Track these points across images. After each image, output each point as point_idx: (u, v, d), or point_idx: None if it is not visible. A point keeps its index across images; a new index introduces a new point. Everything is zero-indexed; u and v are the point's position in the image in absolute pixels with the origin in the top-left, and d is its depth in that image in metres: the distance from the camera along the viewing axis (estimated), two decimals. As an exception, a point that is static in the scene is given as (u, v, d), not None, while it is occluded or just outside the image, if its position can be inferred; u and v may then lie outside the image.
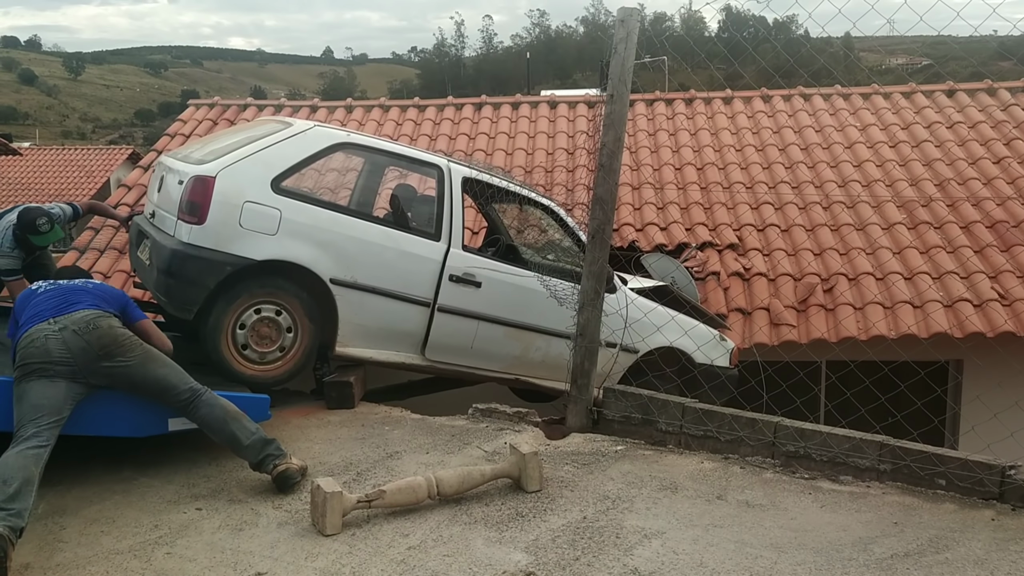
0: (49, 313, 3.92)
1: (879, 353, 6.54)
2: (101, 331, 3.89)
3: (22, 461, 3.43)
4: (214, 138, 6.19)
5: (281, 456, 3.94)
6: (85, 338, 3.84)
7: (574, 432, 4.81)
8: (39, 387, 3.71)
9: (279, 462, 3.91)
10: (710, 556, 3.28)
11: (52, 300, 4.01)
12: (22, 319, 3.99)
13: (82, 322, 3.88)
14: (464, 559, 3.25)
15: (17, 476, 3.34)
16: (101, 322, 3.93)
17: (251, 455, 3.95)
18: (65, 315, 3.91)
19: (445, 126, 12.33)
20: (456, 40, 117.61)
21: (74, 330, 3.84)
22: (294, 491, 3.88)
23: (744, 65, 5.60)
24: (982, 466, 3.80)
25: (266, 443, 3.96)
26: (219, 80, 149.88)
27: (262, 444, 3.95)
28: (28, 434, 3.56)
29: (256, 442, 3.95)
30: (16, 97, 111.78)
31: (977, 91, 12.16)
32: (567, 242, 6.15)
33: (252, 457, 3.95)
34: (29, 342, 3.81)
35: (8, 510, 3.23)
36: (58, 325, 3.85)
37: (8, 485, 3.29)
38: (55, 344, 3.78)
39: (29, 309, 4.01)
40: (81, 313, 3.93)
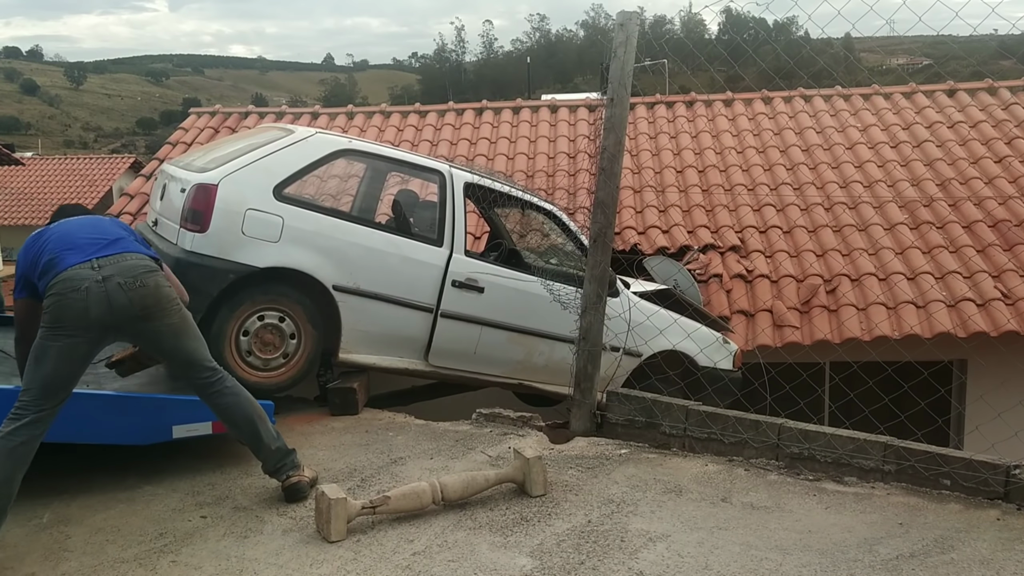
0: (92, 250, 3.51)
1: (882, 354, 6.54)
2: (147, 290, 3.53)
3: (8, 461, 3.30)
4: (216, 146, 6.21)
5: (296, 468, 3.87)
6: (129, 295, 3.48)
7: (578, 436, 4.81)
8: (61, 358, 3.41)
9: (293, 473, 3.85)
10: (715, 559, 3.28)
11: (90, 232, 3.62)
12: (51, 250, 3.56)
13: (129, 274, 3.50)
14: (469, 564, 3.25)
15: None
16: (149, 279, 3.55)
17: (271, 460, 3.84)
18: (109, 257, 3.51)
19: (446, 131, 12.34)
20: (457, 45, 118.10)
21: (119, 283, 3.46)
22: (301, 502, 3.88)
23: (744, 67, 5.59)
24: (987, 466, 3.79)
25: (288, 452, 3.87)
26: (220, 88, 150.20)
27: (284, 453, 3.86)
28: (28, 418, 3.35)
29: (280, 449, 3.84)
30: (18, 107, 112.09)
31: (978, 90, 12.16)
32: (569, 246, 6.15)
33: (271, 462, 3.85)
34: (69, 289, 3.40)
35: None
36: (102, 273, 3.44)
37: None
38: (96, 299, 3.41)
39: (60, 240, 3.59)
40: (129, 261, 3.54)
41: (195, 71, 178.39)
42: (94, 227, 3.69)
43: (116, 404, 4.01)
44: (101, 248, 3.56)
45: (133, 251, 3.62)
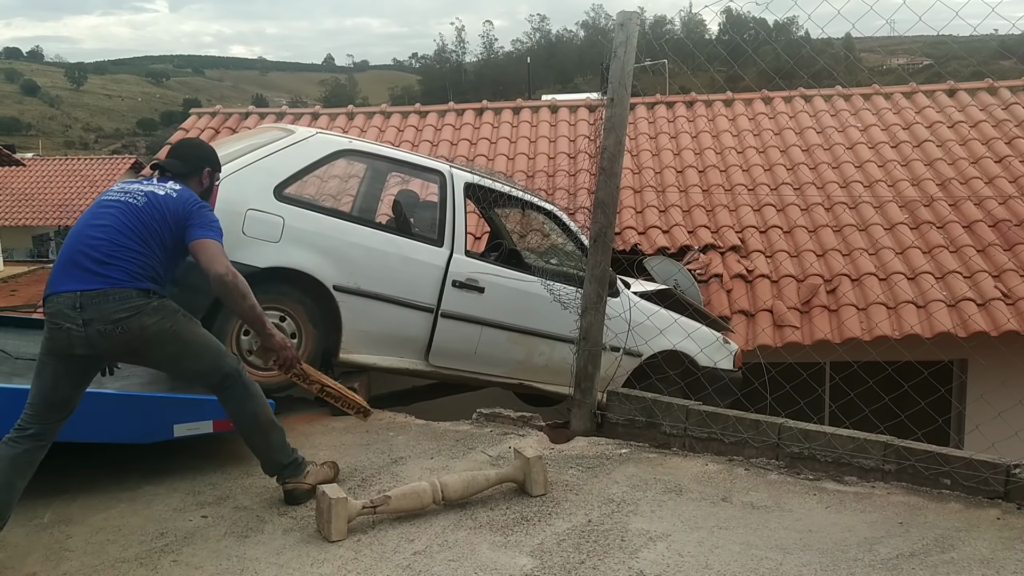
0: (81, 277, 3.42)
1: (883, 353, 6.55)
2: (130, 335, 3.45)
3: (9, 467, 3.33)
4: (216, 146, 6.20)
5: (295, 476, 3.81)
6: (111, 340, 3.43)
7: (578, 436, 4.81)
8: (57, 378, 3.43)
9: (291, 480, 3.80)
10: (715, 558, 3.28)
11: (92, 242, 3.50)
12: (66, 243, 3.55)
13: (109, 320, 3.40)
14: (469, 564, 3.25)
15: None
16: (131, 323, 3.44)
17: (269, 468, 3.81)
18: (94, 293, 3.39)
19: (447, 132, 12.36)
20: (457, 46, 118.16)
21: (99, 329, 3.39)
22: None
23: (745, 67, 5.59)
24: (987, 465, 3.79)
25: (289, 465, 3.80)
26: (221, 88, 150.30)
27: (285, 466, 3.79)
28: (30, 431, 3.38)
29: (279, 463, 3.79)
30: (19, 108, 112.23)
31: (978, 90, 12.18)
32: (570, 246, 6.15)
33: (269, 469, 3.82)
34: (54, 323, 3.40)
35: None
36: (83, 316, 3.36)
37: None
38: (79, 342, 3.40)
39: (72, 239, 3.54)
40: (110, 303, 3.40)
41: (195, 72, 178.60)
42: (101, 248, 3.50)
43: (117, 403, 4.01)
44: (90, 275, 3.44)
45: (119, 285, 3.45)
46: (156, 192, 3.66)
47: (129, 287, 3.46)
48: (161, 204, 3.62)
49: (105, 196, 3.72)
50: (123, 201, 3.62)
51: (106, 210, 3.60)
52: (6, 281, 19.58)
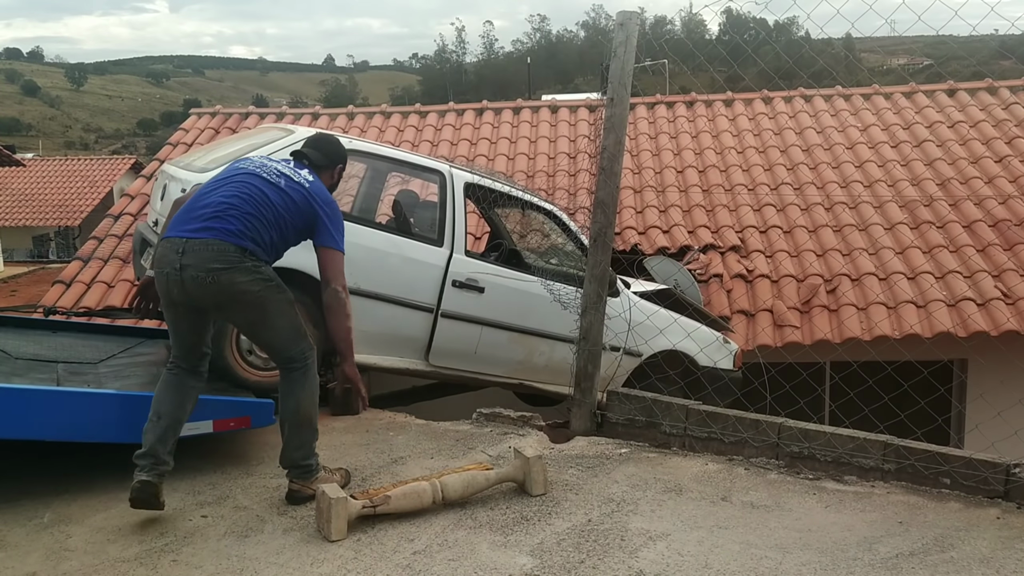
0: (195, 223, 3.58)
1: (882, 353, 6.55)
2: (219, 286, 3.53)
3: (179, 398, 3.70)
4: (216, 146, 6.21)
5: (305, 479, 3.80)
6: (202, 288, 3.54)
7: (578, 435, 4.81)
8: (173, 320, 3.71)
9: (297, 482, 3.79)
10: (715, 557, 3.28)
11: (211, 201, 3.65)
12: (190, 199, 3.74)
13: (204, 267, 3.51)
14: (469, 563, 3.25)
15: (169, 415, 3.64)
16: (222, 276, 3.52)
17: (285, 462, 3.82)
18: (197, 241, 3.54)
19: (447, 132, 12.36)
20: (457, 46, 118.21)
21: (193, 275, 3.51)
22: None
23: (745, 67, 5.59)
24: (987, 464, 3.79)
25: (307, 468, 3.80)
26: (221, 89, 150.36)
27: (303, 468, 3.79)
28: (187, 366, 3.73)
29: (299, 464, 3.78)
30: (19, 108, 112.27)
31: (978, 90, 12.19)
32: (570, 246, 6.15)
33: (285, 463, 3.82)
34: (158, 266, 3.61)
35: (155, 458, 3.55)
36: (182, 260, 3.51)
37: (160, 421, 3.62)
38: (175, 285, 3.55)
39: (195, 196, 3.72)
40: (210, 251, 3.52)
41: (196, 72, 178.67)
42: (219, 203, 3.64)
43: (117, 403, 4.01)
44: (203, 221, 3.58)
45: (222, 237, 3.56)
46: (290, 176, 3.81)
47: (230, 242, 3.57)
48: (293, 187, 3.76)
49: (239, 163, 3.90)
50: (252, 172, 3.77)
51: (234, 175, 3.78)
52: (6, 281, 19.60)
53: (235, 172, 3.80)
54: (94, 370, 4.83)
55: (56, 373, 4.57)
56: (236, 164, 3.89)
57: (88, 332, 5.99)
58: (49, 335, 5.68)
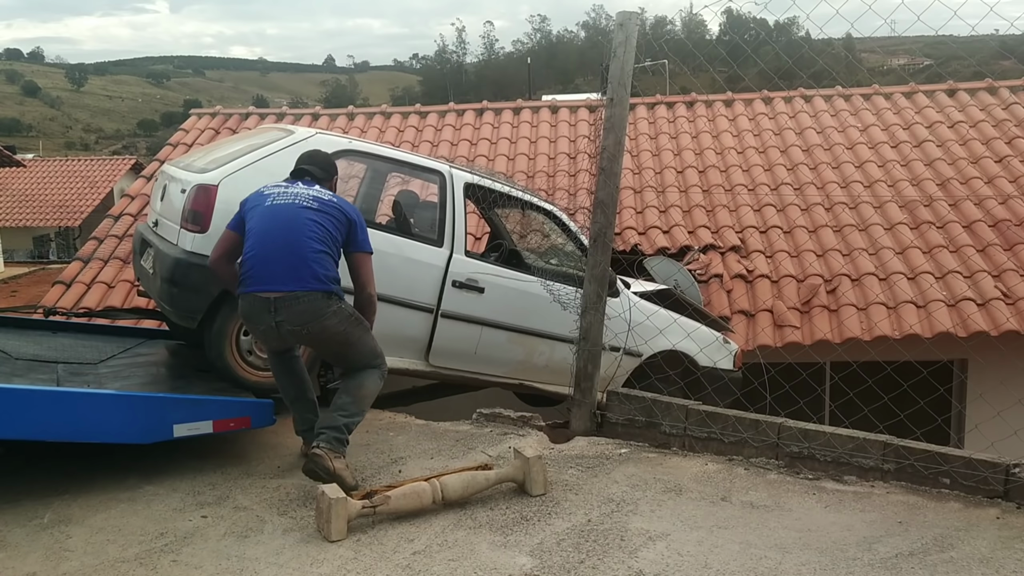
0: (277, 280, 3.91)
1: (882, 353, 6.55)
2: (312, 335, 4.00)
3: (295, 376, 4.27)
4: (216, 147, 6.21)
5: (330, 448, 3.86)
6: (297, 338, 4.04)
7: (578, 436, 4.81)
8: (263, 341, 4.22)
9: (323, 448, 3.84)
10: (715, 557, 3.28)
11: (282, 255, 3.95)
12: (251, 244, 3.99)
13: (298, 322, 3.92)
14: (469, 563, 3.25)
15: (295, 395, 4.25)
16: (314, 327, 3.95)
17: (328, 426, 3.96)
18: (287, 296, 3.89)
19: (447, 132, 12.36)
20: (458, 46, 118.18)
21: (289, 329, 3.94)
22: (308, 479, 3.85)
23: (745, 67, 5.60)
24: (986, 464, 3.79)
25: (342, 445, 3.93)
26: (221, 89, 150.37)
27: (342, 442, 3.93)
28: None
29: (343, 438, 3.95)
30: (19, 109, 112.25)
31: (978, 90, 12.18)
32: (570, 246, 6.15)
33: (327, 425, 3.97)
34: (250, 318, 4.03)
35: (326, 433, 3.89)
36: (275, 318, 3.91)
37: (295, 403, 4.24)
38: (271, 336, 4.02)
39: (259, 242, 3.98)
40: (301, 305, 3.90)
41: (196, 72, 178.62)
42: (289, 255, 3.95)
43: (117, 403, 4.01)
44: (286, 279, 3.91)
45: (310, 288, 3.92)
46: (320, 196, 4.11)
47: (317, 290, 3.94)
48: (329, 208, 4.08)
49: (277, 199, 4.08)
50: (299, 204, 4.05)
51: (288, 211, 4.02)
52: (7, 282, 19.62)
53: (285, 209, 4.03)
54: (94, 370, 4.83)
55: (56, 373, 4.58)
56: (274, 201, 4.07)
57: (88, 333, 6.00)
58: (49, 336, 5.69)
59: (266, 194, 4.12)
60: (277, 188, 4.14)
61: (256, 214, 4.05)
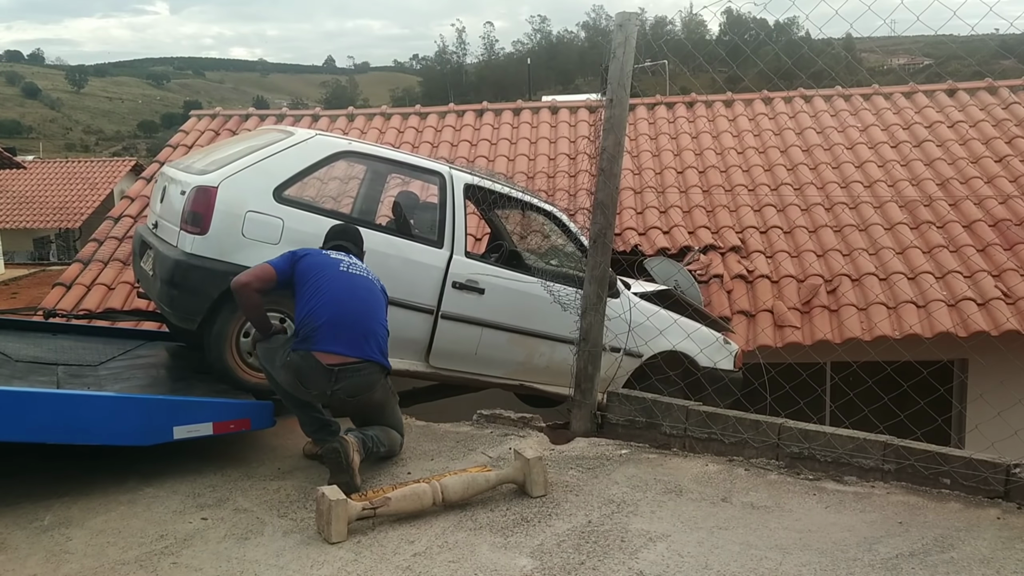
0: (344, 346, 4.08)
1: (883, 353, 6.54)
2: (359, 405, 4.25)
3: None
4: (216, 148, 6.21)
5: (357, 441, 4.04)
6: (342, 403, 4.20)
7: (578, 436, 4.81)
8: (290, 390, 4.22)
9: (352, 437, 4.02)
10: (715, 558, 3.28)
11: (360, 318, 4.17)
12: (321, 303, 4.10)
13: (354, 392, 4.13)
14: (469, 565, 3.25)
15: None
16: (364, 398, 4.21)
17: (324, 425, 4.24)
18: (350, 367, 4.07)
19: (447, 133, 12.36)
20: (458, 47, 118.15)
21: (341, 397, 4.13)
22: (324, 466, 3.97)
23: (745, 68, 5.59)
24: (987, 464, 3.79)
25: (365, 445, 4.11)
26: (221, 90, 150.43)
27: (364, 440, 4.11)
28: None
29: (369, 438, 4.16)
30: (20, 111, 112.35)
31: (978, 90, 12.17)
32: (570, 247, 6.15)
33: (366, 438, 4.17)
34: (306, 378, 4.08)
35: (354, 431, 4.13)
36: (332, 387, 4.07)
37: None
38: (319, 397, 4.17)
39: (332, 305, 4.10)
40: (361, 376, 4.12)
41: (196, 74, 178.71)
42: (363, 302, 4.21)
43: (117, 405, 4.01)
44: (354, 346, 4.11)
45: (371, 359, 4.16)
46: (372, 274, 4.41)
47: (377, 362, 4.20)
48: (380, 286, 4.40)
49: (351, 268, 4.32)
50: (372, 279, 4.36)
51: (361, 283, 4.28)
52: (7, 284, 19.62)
53: (361, 280, 4.29)
54: (94, 373, 4.83)
55: (56, 376, 4.58)
56: (348, 269, 4.30)
57: (88, 335, 6.00)
58: (49, 338, 5.69)
59: (334, 258, 4.31)
60: (341, 256, 4.35)
61: (328, 276, 4.19)
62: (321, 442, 4.27)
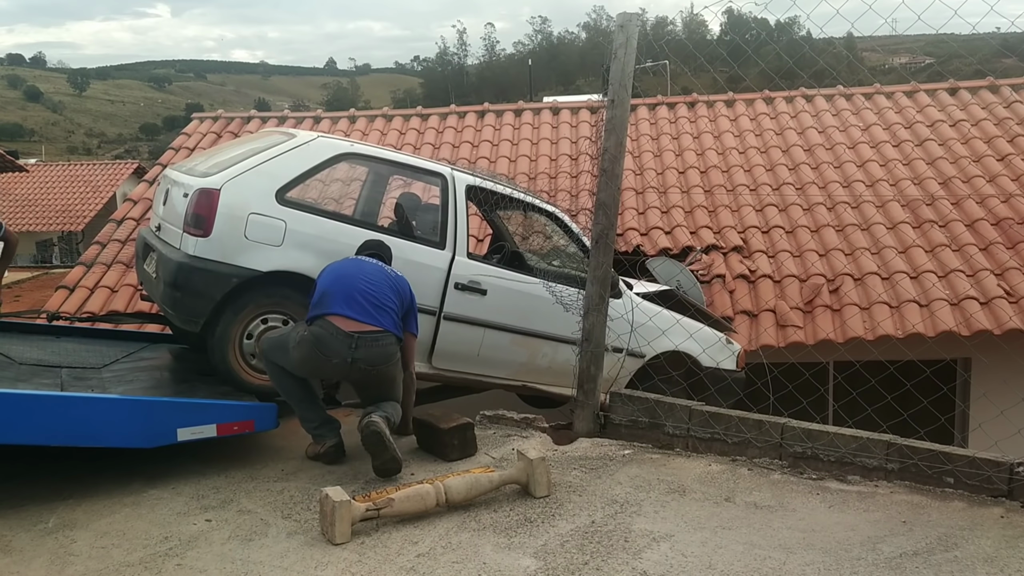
0: (361, 312, 4.21)
1: (885, 352, 6.53)
2: (373, 373, 4.28)
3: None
4: (218, 150, 6.22)
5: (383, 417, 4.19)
6: (361, 373, 4.25)
7: (581, 437, 4.81)
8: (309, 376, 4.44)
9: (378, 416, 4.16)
10: (719, 558, 3.28)
11: (369, 290, 4.29)
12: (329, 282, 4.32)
13: (373, 361, 4.22)
14: (473, 565, 3.26)
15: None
16: (382, 367, 4.28)
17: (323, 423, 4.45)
18: (367, 337, 4.19)
19: (448, 134, 12.36)
20: (459, 48, 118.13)
21: (362, 367, 4.21)
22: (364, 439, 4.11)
23: (746, 67, 5.60)
24: (990, 463, 3.79)
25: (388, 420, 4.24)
26: (223, 93, 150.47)
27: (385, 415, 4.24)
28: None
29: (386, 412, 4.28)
30: (22, 114, 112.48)
31: (980, 88, 12.17)
32: (572, 248, 6.14)
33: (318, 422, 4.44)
34: (324, 349, 4.16)
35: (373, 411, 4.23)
36: (353, 354, 4.16)
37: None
38: (338, 370, 4.28)
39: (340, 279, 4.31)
40: (379, 347, 4.23)
41: (198, 76, 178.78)
42: (376, 295, 4.32)
43: (121, 408, 4.02)
44: (369, 314, 4.24)
45: (389, 328, 4.29)
46: (395, 271, 4.59)
47: (393, 333, 4.32)
48: (401, 282, 4.53)
49: (361, 259, 4.56)
50: (381, 266, 4.52)
51: (370, 267, 4.46)
52: (10, 287, 19.62)
53: (367, 264, 4.49)
54: (98, 375, 4.84)
55: (60, 378, 4.59)
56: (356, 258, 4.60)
57: (91, 337, 6.01)
58: (53, 340, 5.70)
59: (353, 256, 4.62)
60: (361, 258, 4.60)
61: (338, 263, 4.49)
62: (322, 439, 4.39)
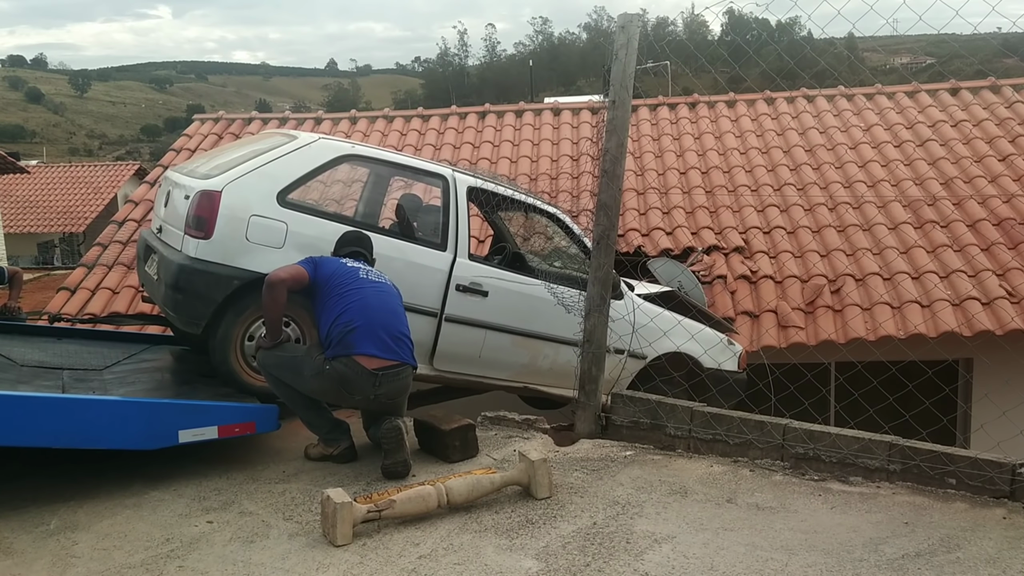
0: (383, 349, 4.26)
1: (887, 353, 6.53)
2: (397, 403, 4.39)
3: None
4: (219, 152, 6.21)
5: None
6: (385, 405, 4.32)
7: (583, 438, 4.81)
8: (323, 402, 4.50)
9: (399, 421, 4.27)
10: (721, 559, 3.28)
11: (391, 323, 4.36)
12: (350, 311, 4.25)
13: (394, 396, 4.33)
14: (475, 567, 3.25)
15: None
16: (399, 399, 4.40)
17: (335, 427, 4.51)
18: (390, 372, 4.25)
19: (449, 135, 12.37)
20: (460, 49, 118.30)
21: (383, 402, 4.29)
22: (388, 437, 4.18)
23: (747, 68, 5.60)
24: (992, 464, 3.78)
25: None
26: (224, 94, 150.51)
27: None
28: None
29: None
30: (23, 115, 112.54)
31: (981, 89, 12.16)
32: (573, 249, 6.14)
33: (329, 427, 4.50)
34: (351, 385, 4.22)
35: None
36: (375, 391, 4.24)
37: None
38: (362, 403, 4.34)
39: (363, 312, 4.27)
40: (400, 380, 4.32)
41: (199, 78, 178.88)
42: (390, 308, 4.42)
43: (122, 409, 4.02)
44: (391, 350, 4.29)
45: (408, 362, 4.39)
46: (389, 280, 4.59)
47: (412, 365, 4.44)
48: (398, 292, 4.59)
49: (371, 275, 4.50)
50: (394, 290, 4.55)
51: (387, 294, 4.47)
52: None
53: (379, 286, 4.47)
54: (99, 377, 4.84)
55: (61, 380, 4.59)
56: (369, 276, 4.49)
57: (93, 339, 6.01)
58: (54, 342, 5.70)
59: (351, 266, 4.48)
60: (358, 264, 4.53)
61: (352, 284, 4.36)
62: (335, 443, 4.43)
